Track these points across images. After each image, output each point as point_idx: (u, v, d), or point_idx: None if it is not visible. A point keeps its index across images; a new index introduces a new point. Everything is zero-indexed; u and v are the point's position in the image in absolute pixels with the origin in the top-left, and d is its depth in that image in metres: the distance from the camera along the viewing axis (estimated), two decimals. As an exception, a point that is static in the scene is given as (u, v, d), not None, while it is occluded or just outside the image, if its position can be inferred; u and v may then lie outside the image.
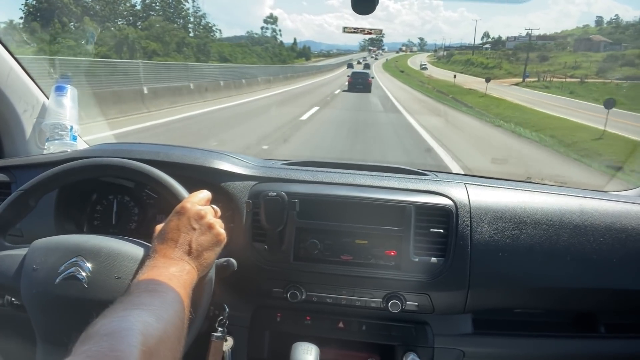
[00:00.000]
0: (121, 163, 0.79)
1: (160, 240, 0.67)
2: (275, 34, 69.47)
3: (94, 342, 0.45)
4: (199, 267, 0.66)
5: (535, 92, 28.03)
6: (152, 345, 0.47)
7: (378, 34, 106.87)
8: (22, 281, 0.69)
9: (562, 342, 1.04)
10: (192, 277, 0.64)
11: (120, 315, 0.50)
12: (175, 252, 0.65)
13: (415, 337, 1.00)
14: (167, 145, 1.18)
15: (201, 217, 0.70)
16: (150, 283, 0.59)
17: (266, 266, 0.98)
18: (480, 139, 9.65)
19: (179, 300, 0.58)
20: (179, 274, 0.62)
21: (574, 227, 0.97)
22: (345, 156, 6.05)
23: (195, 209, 0.70)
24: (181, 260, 0.65)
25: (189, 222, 0.68)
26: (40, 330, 0.68)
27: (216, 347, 0.84)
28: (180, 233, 0.67)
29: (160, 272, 0.61)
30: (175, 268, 0.63)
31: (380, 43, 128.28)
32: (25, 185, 0.76)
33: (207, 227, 0.69)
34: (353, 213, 0.97)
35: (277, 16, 68.16)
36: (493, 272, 0.96)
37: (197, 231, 0.68)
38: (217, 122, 9.29)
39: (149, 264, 0.63)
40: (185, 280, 0.62)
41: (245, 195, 1.00)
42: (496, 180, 1.13)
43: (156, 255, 0.65)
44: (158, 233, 0.69)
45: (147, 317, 0.50)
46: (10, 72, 1.22)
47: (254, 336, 1.04)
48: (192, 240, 0.67)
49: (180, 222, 0.68)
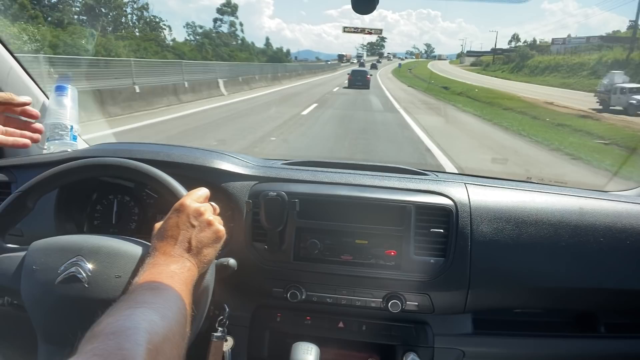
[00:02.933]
0: (118, 162, 0.79)
1: (160, 237, 0.67)
2: (234, 29, 46.61)
3: (100, 341, 0.45)
4: (199, 264, 0.67)
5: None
6: (157, 343, 0.47)
7: (378, 33, 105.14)
8: (23, 282, 0.69)
9: (562, 341, 1.04)
10: (192, 274, 0.65)
11: (125, 313, 0.50)
12: (175, 250, 0.65)
13: (416, 337, 1.00)
14: (167, 145, 1.18)
15: (200, 214, 0.70)
16: (152, 281, 0.59)
17: (266, 266, 0.98)
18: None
19: (181, 297, 0.58)
20: (179, 271, 0.62)
21: (574, 227, 0.97)
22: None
23: (194, 206, 0.70)
24: (181, 257, 0.65)
25: (188, 219, 0.68)
26: (41, 330, 0.68)
27: (216, 346, 0.84)
28: (179, 230, 0.67)
29: (162, 269, 0.61)
30: (176, 265, 0.63)
31: (380, 49, 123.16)
32: (22, 187, 0.76)
33: (206, 223, 0.69)
34: (353, 213, 0.97)
35: (236, 4, 47.24)
36: (493, 272, 0.96)
37: (196, 228, 0.68)
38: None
39: (149, 262, 0.63)
40: (186, 277, 0.62)
41: (246, 195, 1.00)
42: (496, 180, 1.13)
43: (156, 253, 0.65)
44: (157, 231, 0.69)
45: (152, 315, 0.50)
46: (10, 71, 1.22)
47: (254, 336, 1.04)
48: (192, 237, 0.67)
49: (179, 220, 0.68)
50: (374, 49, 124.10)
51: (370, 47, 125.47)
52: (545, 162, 6.72)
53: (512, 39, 74.82)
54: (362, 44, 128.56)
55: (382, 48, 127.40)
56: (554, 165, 6.30)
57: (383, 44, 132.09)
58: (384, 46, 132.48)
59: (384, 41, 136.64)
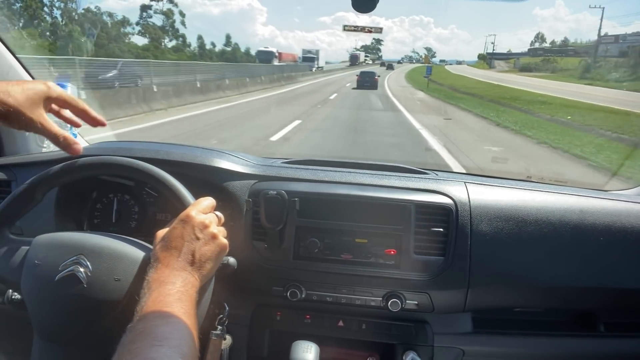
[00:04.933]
0: (129, 163, 0.79)
1: (163, 248, 0.67)
2: (171, 20, 31.02)
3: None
4: (200, 277, 0.66)
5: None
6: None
7: (378, 32, 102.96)
8: (24, 276, 0.69)
9: (561, 341, 1.04)
10: (195, 289, 0.64)
11: (152, 357, 0.50)
12: (178, 262, 0.65)
13: (415, 335, 1.00)
14: (167, 144, 1.17)
15: (205, 227, 0.69)
16: (164, 311, 0.58)
17: (266, 265, 0.98)
18: None
19: (193, 325, 0.58)
20: (184, 288, 0.62)
21: (574, 226, 0.96)
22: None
23: (200, 218, 0.70)
24: (184, 270, 0.64)
25: (193, 231, 0.68)
26: (37, 325, 0.69)
27: (215, 345, 0.84)
28: (184, 242, 0.67)
29: (169, 290, 0.60)
30: (180, 281, 0.62)
31: (376, 52, 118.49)
32: (34, 178, 0.76)
33: (210, 237, 0.69)
34: (353, 212, 0.97)
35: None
36: (493, 271, 0.96)
37: (200, 241, 0.68)
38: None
39: (153, 277, 0.63)
40: (191, 295, 0.62)
41: (245, 194, 1.00)
42: (496, 179, 1.13)
43: (159, 265, 0.65)
44: (161, 239, 0.69)
45: (175, 356, 0.51)
46: (10, 70, 1.22)
47: (253, 335, 1.04)
48: (196, 250, 0.67)
49: (184, 231, 0.68)
50: (369, 52, 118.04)
51: (365, 51, 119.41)
52: None
53: (537, 39, 71.29)
54: (356, 47, 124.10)
55: (378, 52, 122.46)
56: None
57: (379, 47, 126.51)
58: (380, 49, 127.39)
59: (381, 44, 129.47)
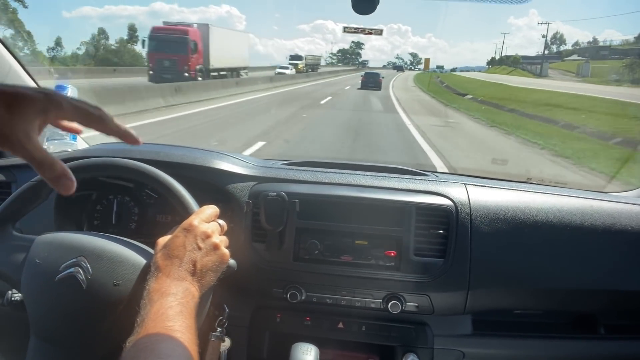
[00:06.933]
0: (137, 166, 0.79)
1: (165, 256, 0.67)
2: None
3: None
4: (200, 287, 0.66)
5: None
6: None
7: (378, 34, 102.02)
8: (24, 274, 0.70)
9: (561, 343, 1.04)
10: (195, 300, 0.64)
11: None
12: (179, 272, 0.65)
13: (415, 338, 1.00)
14: (167, 145, 1.17)
15: (207, 236, 0.69)
16: (165, 324, 0.57)
17: (266, 266, 0.97)
18: None
19: (193, 339, 0.58)
20: (185, 300, 0.61)
21: (573, 228, 0.96)
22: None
23: (203, 228, 0.69)
24: (185, 280, 0.64)
25: (196, 240, 0.68)
26: (34, 324, 0.69)
27: (214, 347, 0.84)
28: (185, 251, 0.66)
29: (170, 303, 0.60)
30: (181, 292, 0.62)
31: (355, 58, 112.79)
32: (39, 175, 0.76)
33: (212, 247, 0.69)
34: (353, 213, 0.97)
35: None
36: (493, 273, 0.96)
37: (202, 251, 0.68)
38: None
39: (154, 287, 0.62)
40: (191, 307, 0.62)
41: (246, 195, 1.00)
42: (496, 180, 1.13)
43: (159, 274, 0.64)
44: (162, 247, 0.68)
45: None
46: (10, 70, 1.21)
47: (253, 336, 1.04)
48: (197, 260, 0.66)
49: (186, 240, 0.68)
50: (348, 58, 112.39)
51: (343, 56, 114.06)
52: None
53: (555, 40, 67.05)
54: (333, 53, 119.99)
55: (358, 57, 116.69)
56: None
57: (359, 51, 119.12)
58: (361, 54, 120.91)
59: (361, 48, 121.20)
